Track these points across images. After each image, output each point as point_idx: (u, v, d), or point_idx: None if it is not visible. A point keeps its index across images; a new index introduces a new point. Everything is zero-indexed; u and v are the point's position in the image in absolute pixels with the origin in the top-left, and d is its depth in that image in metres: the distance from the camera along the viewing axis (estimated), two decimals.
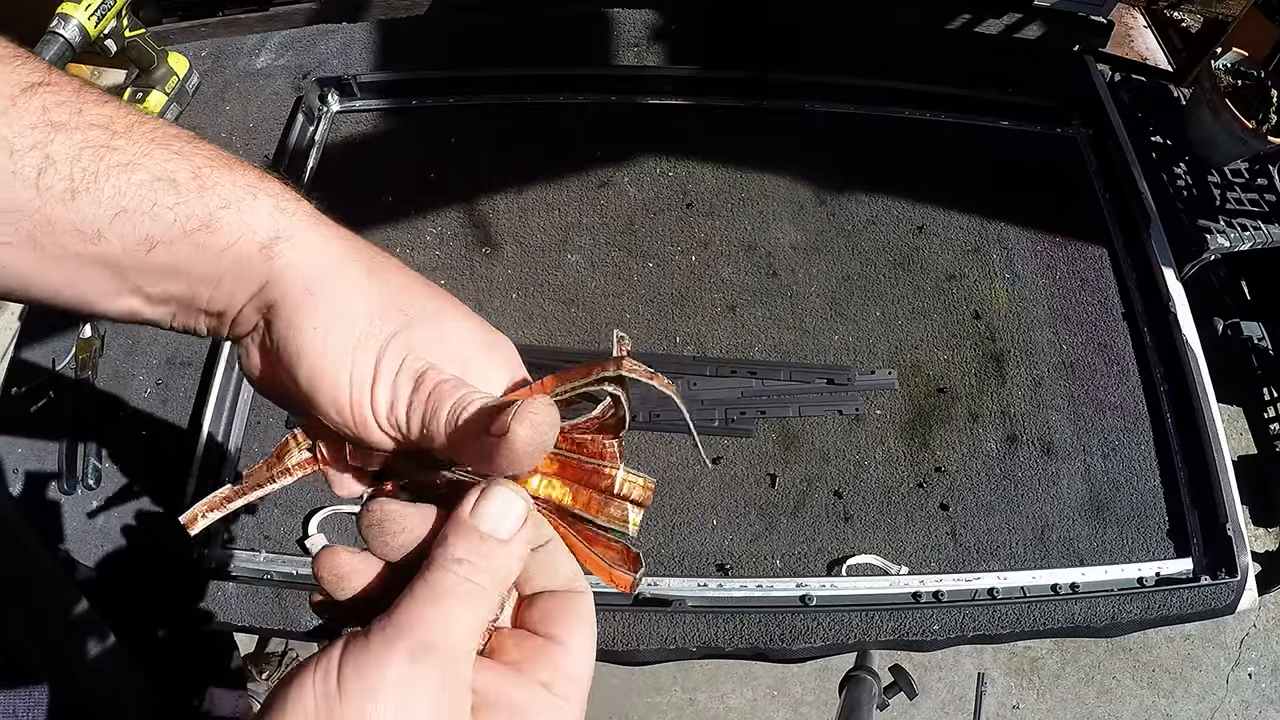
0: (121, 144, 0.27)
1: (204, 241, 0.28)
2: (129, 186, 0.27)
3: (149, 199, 0.27)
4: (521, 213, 1.04)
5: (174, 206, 0.27)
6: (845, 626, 0.81)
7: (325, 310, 0.29)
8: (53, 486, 0.88)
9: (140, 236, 0.27)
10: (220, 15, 1.23)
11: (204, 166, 0.28)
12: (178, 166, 0.28)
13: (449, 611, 0.25)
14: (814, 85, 1.12)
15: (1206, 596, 0.84)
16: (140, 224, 0.27)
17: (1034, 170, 1.09)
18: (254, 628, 0.84)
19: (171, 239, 0.27)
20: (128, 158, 0.27)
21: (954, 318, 0.98)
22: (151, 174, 0.27)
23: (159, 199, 0.27)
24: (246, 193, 0.29)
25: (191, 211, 0.27)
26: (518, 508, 0.28)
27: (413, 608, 0.25)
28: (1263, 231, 1.13)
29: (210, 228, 0.28)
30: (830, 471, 0.89)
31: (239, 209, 0.28)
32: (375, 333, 0.29)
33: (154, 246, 0.27)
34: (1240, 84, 1.12)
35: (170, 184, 0.27)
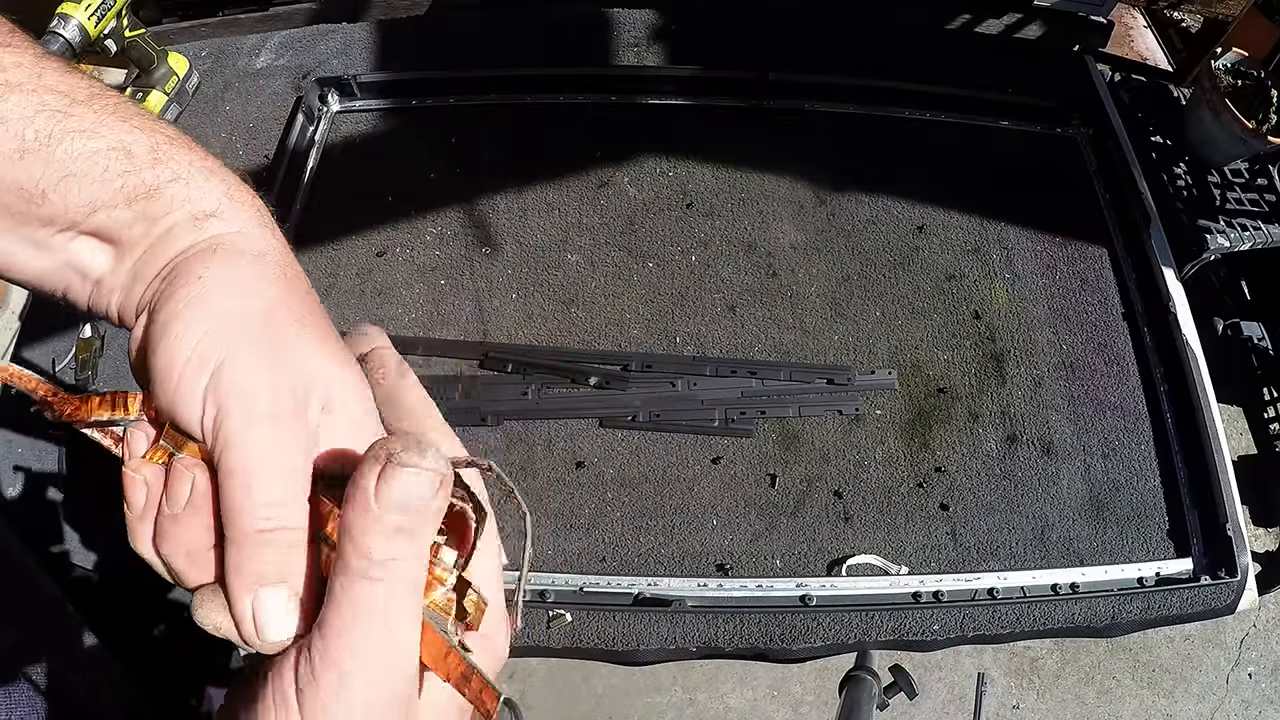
0: (80, 111, 0.26)
1: (143, 209, 0.27)
2: (83, 152, 0.26)
3: (100, 165, 0.26)
4: (521, 213, 1.04)
5: (124, 174, 0.26)
6: (845, 626, 0.81)
7: (219, 273, 0.27)
8: (53, 486, 0.88)
9: (85, 200, 0.26)
10: (220, 15, 1.24)
11: (163, 143, 0.27)
12: (136, 139, 0.27)
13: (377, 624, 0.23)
14: (814, 85, 1.12)
15: (1206, 596, 0.84)
16: (87, 189, 0.26)
17: (1034, 170, 1.09)
18: None
19: (115, 204, 0.26)
20: (85, 125, 0.26)
21: (954, 318, 0.98)
22: (108, 143, 0.26)
23: (110, 165, 0.26)
24: (201, 172, 0.28)
25: (142, 180, 0.27)
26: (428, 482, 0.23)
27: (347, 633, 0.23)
28: (1263, 231, 1.13)
29: (152, 197, 0.27)
30: (830, 471, 0.89)
31: (187, 183, 0.27)
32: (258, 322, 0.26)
33: (95, 211, 0.26)
34: (1240, 84, 1.12)
35: (125, 154, 0.27)
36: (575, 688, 1.36)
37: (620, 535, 0.85)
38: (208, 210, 0.27)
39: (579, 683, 1.36)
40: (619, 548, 0.85)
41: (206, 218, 0.27)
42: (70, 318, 0.96)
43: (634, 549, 0.85)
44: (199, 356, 0.25)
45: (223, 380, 0.25)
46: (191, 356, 0.25)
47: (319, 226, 1.02)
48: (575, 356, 0.94)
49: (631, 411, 0.91)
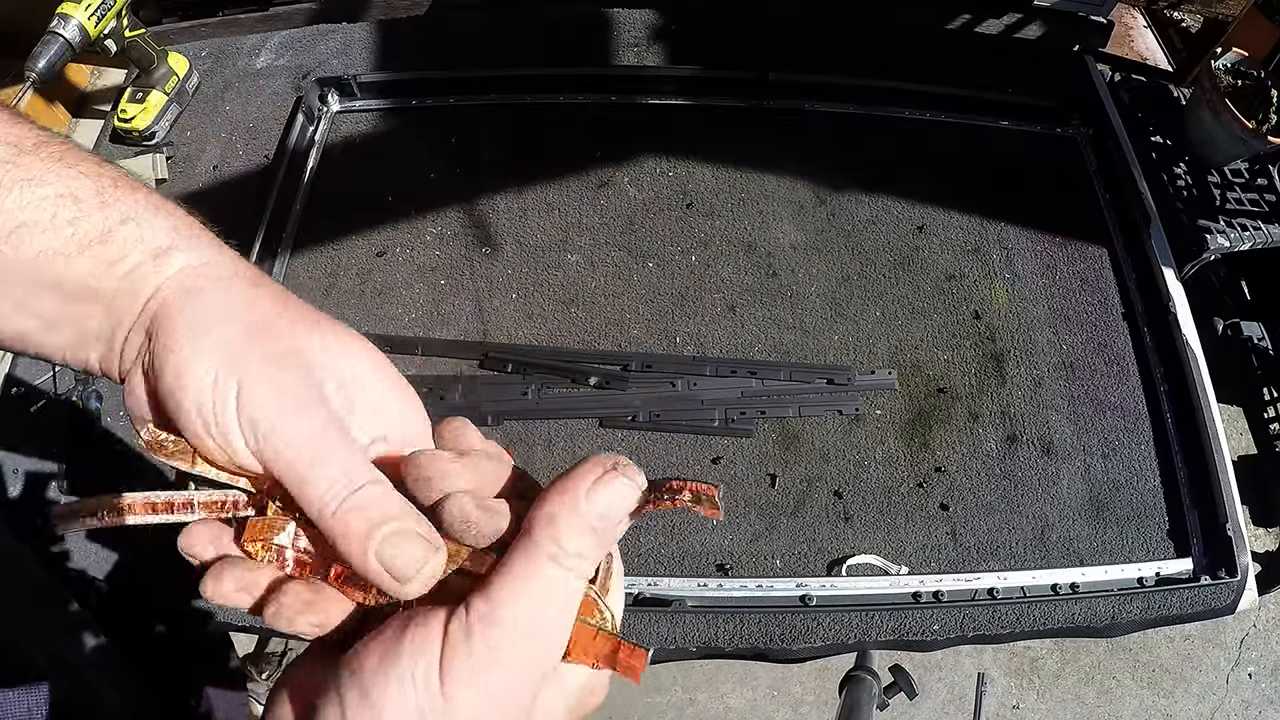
0: (28, 160, 0.27)
1: (99, 254, 0.27)
2: (31, 200, 0.26)
3: (49, 212, 0.26)
4: (521, 213, 1.04)
5: (74, 221, 0.27)
6: (845, 626, 0.81)
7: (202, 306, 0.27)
8: (53, 486, 0.88)
9: (36, 251, 0.26)
10: (220, 15, 1.23)
11: (109, 186, 0.28)
12: (82, 185, 0.27)
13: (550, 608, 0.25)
14: (814, 85, 1.12)
15: (1206, 596, 0.84)
16: (38, 238, 0.26)
17: (1034, 170, 1.09)
18: (254, 628, 0.84)
19: (69, 253, 0.27)
20: (32, 174, 0.26)
21: (954, 318, 0.98)
22: (55, 190, 0.27)
23: (59, 213, 0.26)
24: (148, 209, 0.28)
25: (92, 225, 0.27)
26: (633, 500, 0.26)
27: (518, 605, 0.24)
28: (1263, 231, 1.13)
29: (107, 241, 0.27)
30: (830, 471, 0.89)
31: (138, 223, 0.28)
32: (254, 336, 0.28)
33: (50, 262, 0.27)
34: (1240, 84, 1.12)
35: (73, 200, 0.27)
36: None
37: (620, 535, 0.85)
38: (163, 246, 0.28)
39: None
40: (621, 547, 0.85)
41: (164, 253, 0.28)
42: None
43: (634, 549, 0.85)
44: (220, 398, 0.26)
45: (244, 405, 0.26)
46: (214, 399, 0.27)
47: (319, 226, 1.02)
48: (575, 356, 0.94)
49: (631, 411, 0.91)
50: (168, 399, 0.27)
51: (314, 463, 0.26)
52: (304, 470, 0.26)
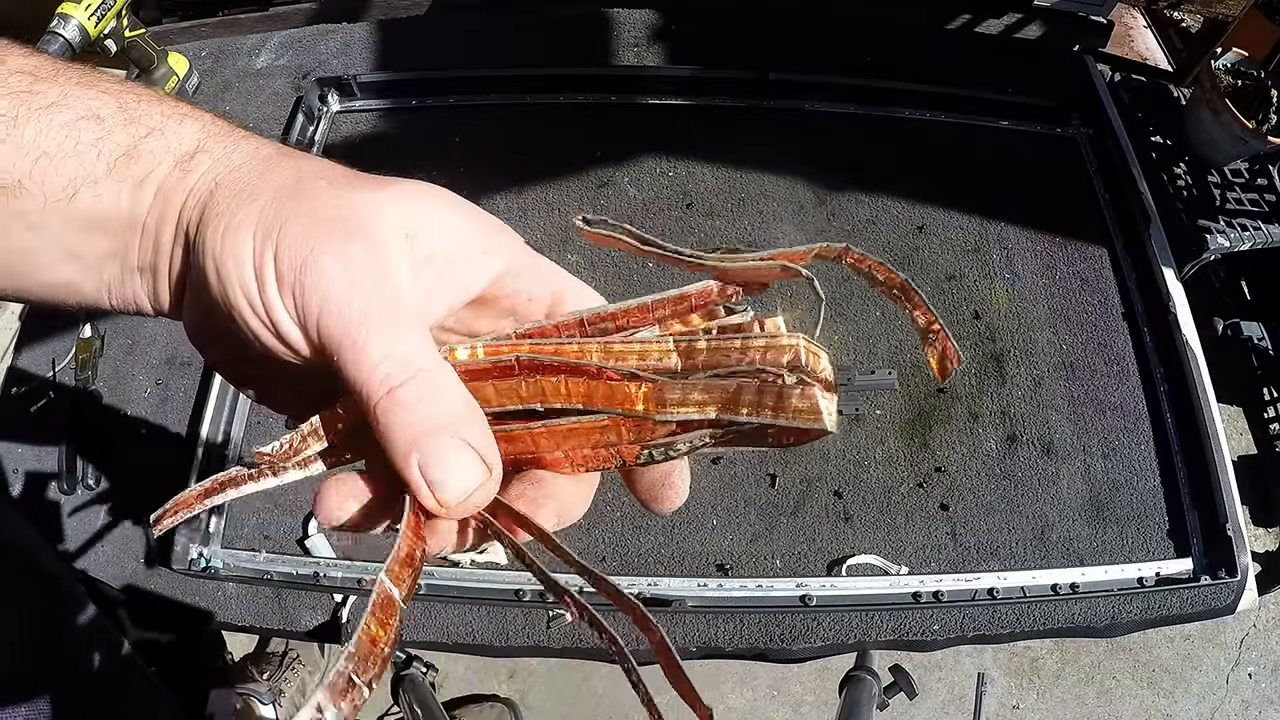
0: (44, 88, 0.25)
1: (126, 173, 0.25)
2: (51, 128, 0.24)
3: (72, 138, 0.24)
4: (521, 213, 1.04)
5: (97, 141, 0.25)
6: (845, 626, 0.81)
7: (229, 193, 0.24)
8: (53, 486, 0.88)
9: (64, 182, 0.24)
10: (220, 15, 1.23)
11: (132, 102, 0.26)
12: (104, 103, 0.25)
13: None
14: (814, 85, 1.12)
15: (1206, 596, 0.84)
16: (63, 167, 0.24)
17: (1034, 170, 1.09)
18: (254, 628, 0.84)
19: (95, 178, 0.24)
20: (51, 100, 0.25)
21: (954, 318, 0.98)
22: (76, 113, 0.25)
23: (81, 136, 0.24)
24: (174, 119, 0.26)
25: (116, 142, 0.25)
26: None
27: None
28: (1263, 231, 1.13)
29: (133, 157, 0.25)
30: (830, 471, 0.89)
31: (164, 134, 0.25)
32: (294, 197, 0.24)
33: (77, 191, 0.24)
34: (1240, 84, 1.12)
35: (95, 120, 0.25)
36: (575, 688, 1.36)
37: (620, 535, 0.85)
38: (189, 150, 0.25)
39: (579, 683, 1.36)
40: (619, 548, 0.85)
41: (191, 157, 0.25)
42: (70, 318, 0.96)
43: (634, 549, 0.85)
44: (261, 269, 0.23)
45: (284, 274, 0.23)
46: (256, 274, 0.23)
47: None
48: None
49: None
50: (217, 298, 0.24)
51: (360, 338, 0.22)
52: (348, 346, 0.22)
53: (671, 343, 0.24)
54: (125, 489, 0.88)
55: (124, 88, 0.26)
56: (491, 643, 0.81)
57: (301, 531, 0.85)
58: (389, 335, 0.23)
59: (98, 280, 0.27)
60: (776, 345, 0.23)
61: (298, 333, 0.23)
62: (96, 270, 0.26)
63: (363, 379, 0.22)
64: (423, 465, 0.22)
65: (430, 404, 0.22)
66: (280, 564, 0.84)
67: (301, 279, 0.23)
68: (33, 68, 0.25)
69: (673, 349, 0.24)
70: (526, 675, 1.37)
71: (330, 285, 0.23)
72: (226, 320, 0.24)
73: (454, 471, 0.22)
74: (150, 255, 0.26)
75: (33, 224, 0.25)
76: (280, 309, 0.23)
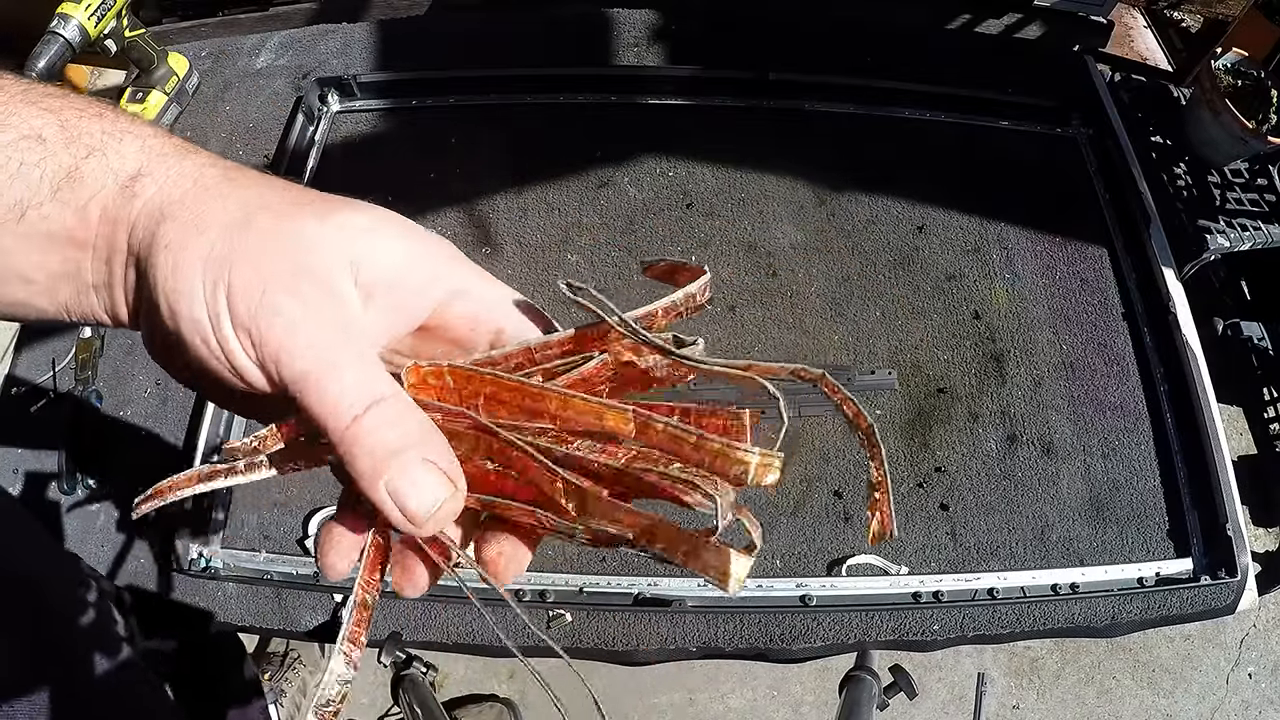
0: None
1: (69, 197, 0.25)
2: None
3: (15, 159, 0.24)
4: (521, 213, 1.04)
5: (40, 163, 0.24)
6: (845, 626, 0.81)
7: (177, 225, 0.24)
8: (53, 486, 0.88)
9: (10, 203, 0.24)
10: (220, 15, 1.23)
11: (73, 118, 0.26)
12: (46, 121, 0.25)
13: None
14: (814, 85, 1.12)
15: (1206, 596, 0.84)
16: (9, 189, 0.24)
17: (1034, 170, 1.09)
18: (254, 628, 0.84)
19: (40, 200, 0.24)
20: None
21: (954, 318, 0.98)
22: (19, 132, 0.24)
23: (25, 158, 0.24)
24: (113, 138, 0.26)
25: (59, 164, 0.25)
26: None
27: None
28: (1263, 231, 1.12)
29: (74, 178, 0.25)
30: (830, 471, 0.89)
31: (104, 154, 0.25)
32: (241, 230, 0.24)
33: (24, 213, 0.24)
34: (1240, 84, 1.12)
35: (37, 140, 0.25)
36: (575, 688, 1.36)
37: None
38: (130, 173, 0.25)
39: (579, 683, 1.36)
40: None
41: (132, 181, 0.25)
42: None
43: None
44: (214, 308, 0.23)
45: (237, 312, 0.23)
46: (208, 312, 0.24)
47: None
48: None
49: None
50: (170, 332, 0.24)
51: (320, 373, 0.23)
52: (310, 382, 0.23)
53: (631, 414, 0.24)
54: (125, 489, 0.88)
55: (65, 102, 0.26)
56: (491, 643, 0.81)
57: (301, 531, 0.85)
58: (347, 368, 0.23)
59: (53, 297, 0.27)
60: (728, 456, 0.24)
61: (255, 370, 0.24)
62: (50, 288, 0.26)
63: (327, 412, 0.23)
64: (390, 487, 0.23)
65: (392, 429, 0.23)
66: (280, 564, 0.84)
67: (257, 321, 0.23)
68: None
69: (630, 421, 0.24)
70: (526, 675, 1.37)
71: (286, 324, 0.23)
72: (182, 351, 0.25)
73: (421, 488, 0.23)
74: (104, 274, 0.26)
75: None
76: (237, 349, 0.24)
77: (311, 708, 0.23)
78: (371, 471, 0.23)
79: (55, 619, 0.53)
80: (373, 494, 0.23)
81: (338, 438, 0.23)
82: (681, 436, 0.24)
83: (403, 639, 0.80)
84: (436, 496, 0.23)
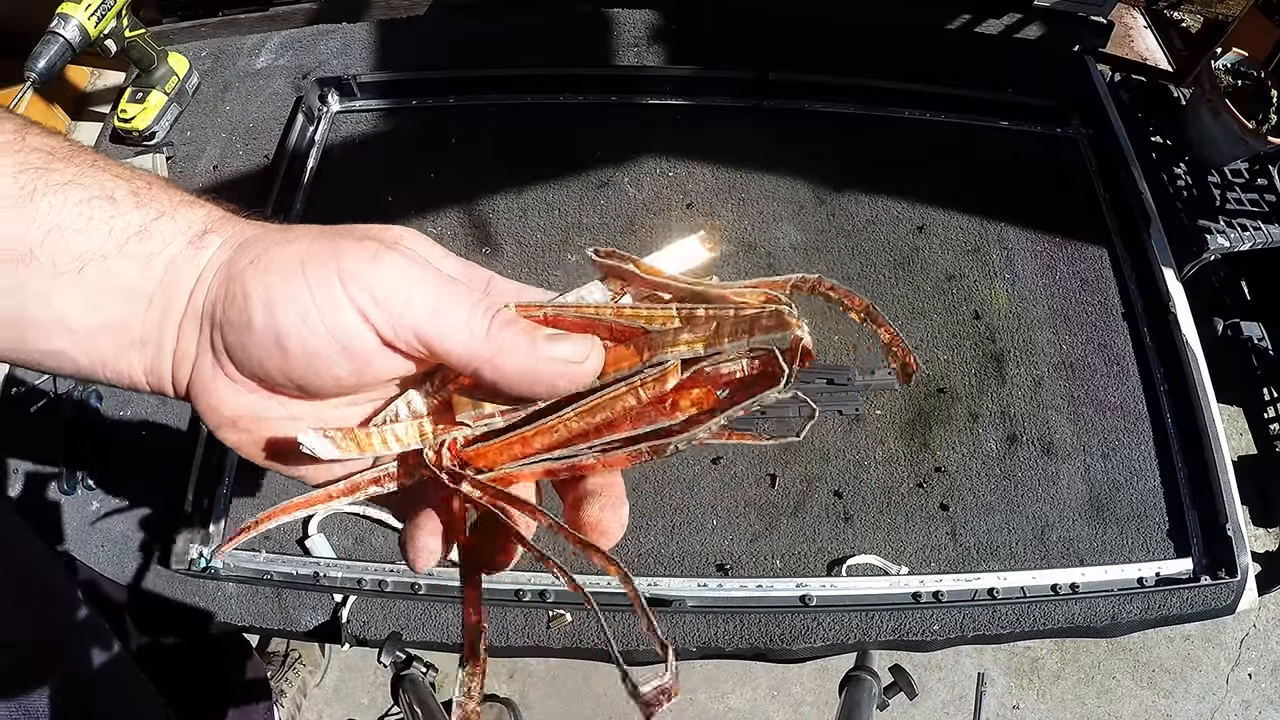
0: (60, 166, 0.27)
1: (137, 251, 0.27)
2: (65, 204, 0.26)
3: (85, 214, 0.26)
4: (521, 213, 1.04)
5: (109, 220, 0.26)
6: (845, 626, 0.81)
7: (259, 245, 0.27)
8: (53, 486, 0.88)
9: (74, 254, 0.26)
10: (220, 15, 1.23)
11: (143, 187, 0.28)
12: (117, 185, 0.27)
13: None
14: (814, 85, 1.12)
15: (1206, 596, 0.84)
16: (75, 240, 0.26)
17: (1034, 170, 1.09)
18: (254, 627, 0.84)
19: (105, 254, 0.26)
20: (67, 178, 0.26)
21: (954, 318, 0.98)
22: (90, 192, 0.26)
23: (95, 214, 0.26)
24: (181, 204, 0.28)
25: (128, 222, 0.27)
26: None
27: None
28: (1263, 231, 1.12)
29: (144, 238, 0.27)
30: (830, 471, 0.89)
31: (173, 218, 0.28)
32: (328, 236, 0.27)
33: (85, 265, 0.26)
34: (1240, 84, 1.12)
35: (108, 199, 0.27)
36: (575, 688, 1.36)
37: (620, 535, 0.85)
38: (199, 231, 0.28)
39: (579, 683, 1.36)
40: (619, 548, 0.84)
41: (202, 236, 0.28)
42: None
43: (634, 549, 0.85)
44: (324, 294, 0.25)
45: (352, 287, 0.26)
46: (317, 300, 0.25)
47: None
48: None
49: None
50: (264, 338, 0.26)
51: (445, 310, 0.26)
52: (441, 320, 0.26)
53: (674, 309, 0.27)
54: (125, 489, 0.88)
55: (134, 174, 0.28)
56: (491, 643, 0.81)
57: (301, 531, 0.85)
58: (464, 299, 0.27)
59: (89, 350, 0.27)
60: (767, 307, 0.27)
61: (371, 336, 0.26)
62: (89, 341, 0.27)
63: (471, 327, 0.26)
64: (544, 353, 0.26)
65: (519, 324, 0.27)
66: (280, 564, 0.84)
67: (375, 283, 0.25)
68: (50, 147, 0.27)
69: (675, 314, 0.27)
70: (526, 675, 1.37)
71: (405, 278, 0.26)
72: (284, 352, 0.26)
73: (571, 345, 0.27)
74: (155, 329, 0.27)
75: (37, 292, 0.26)
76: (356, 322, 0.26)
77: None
78: (526, 348, 0.26)
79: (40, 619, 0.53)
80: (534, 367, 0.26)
81: (480, 345, 0.26)
82: (721, 313, 0.26)
83: (403, 639, 0.80)
84: (584, 344, 0.27)
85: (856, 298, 0.29)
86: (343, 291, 0.25)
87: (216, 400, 0.27)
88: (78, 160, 0.27)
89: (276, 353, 0.26)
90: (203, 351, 0.27)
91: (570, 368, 0.26)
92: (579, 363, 0.26)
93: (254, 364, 0.26)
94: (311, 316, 0.25)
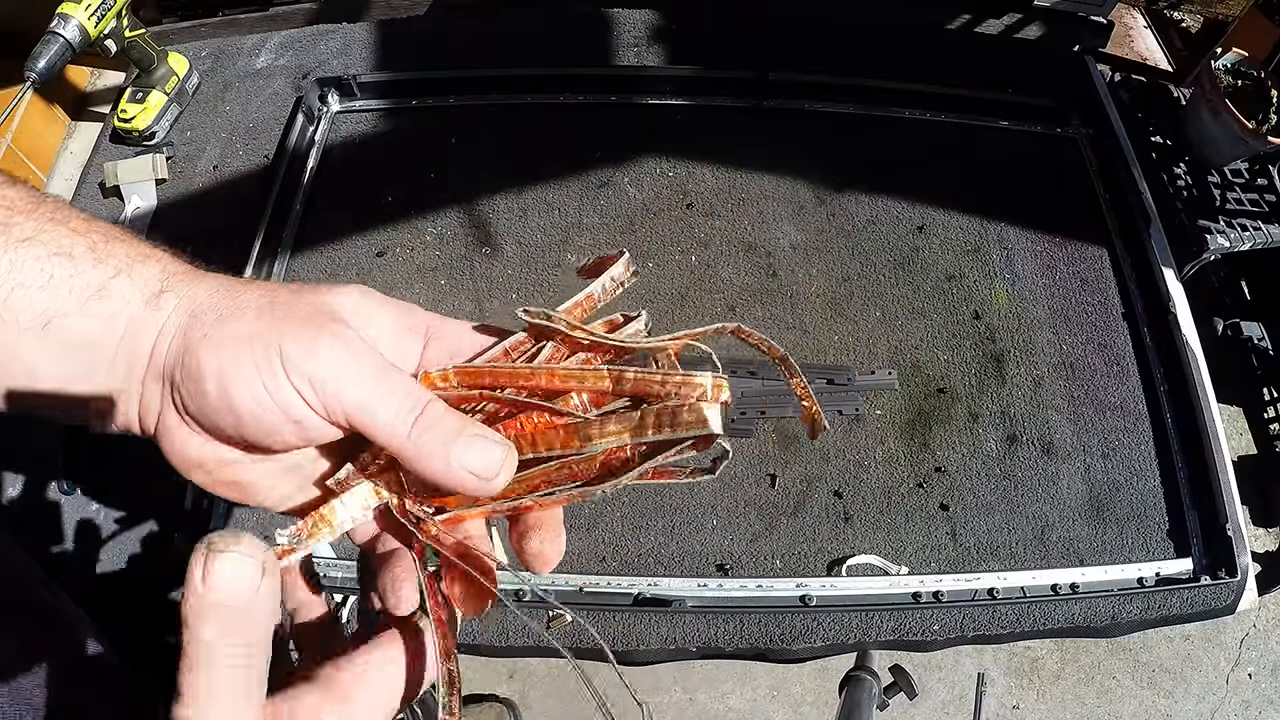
0: (20, 221, 0.27)
1: (97, 310, 0.28)
2: (26, 261, 0.27)
3: (45, 272, 0.27)
4: (521, 213, 1.04)
5: (69, 279, 0.27)
6: (845, 626, 0.81)
7: (211, 314, 0.28)
8: (53, 486, 0.88)
9: (37, 310, 0.27)
10: (220, 15, 1.23)
11: (99, 241, 0.29)
12: (75, 242, 0.28)
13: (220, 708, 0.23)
14: (814, 85, 1.12)
15: (1206, 596, 0.84)
16: (36, 298, 0.27)
17: (1034, 170, 1.09)
18: None
19: (67, 311, 0.27)
20: (27, 234, 0.27)
21: (954, 318, 0.98)
22: (49, 249, 0.27)
23: (55, 272, 0.27)
24: (137, 259, 0.29)
25: (87, 281, 0.28)
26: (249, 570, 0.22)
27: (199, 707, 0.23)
28: (1263, 231, 1.13)
29: (103, 296, 0.28)
30: (830, 471, 0.89)
31: (130, 274, 0.28)
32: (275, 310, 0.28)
33: (49, 321, 0.27)
34: (1240, 84, 1.12)
35: (67, 257, 0.27)
36: (575, 688, 1.36)
37: (620, 535, 0.85)
38: (154, 291, 0.29)
39: (579, 683, 1.36)
40: (619, 548, 0.85)
41: (156, 297, 0.29)
42: None
43: (634, 549, 0.85)
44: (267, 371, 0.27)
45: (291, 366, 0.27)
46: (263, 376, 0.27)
47: (319, 227, 1.02)
48: None
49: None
50: (219, 406, 0.27)
51: (378, 396, 0.27)
52: (370, 413, 0.27)
53: (606, 373, 0.30)
54: (125, 489, 0.88)
55: (90, 226, 0.29)
56: (491, 643, 0.81)
57: None
58: (395, 387, 0.28)
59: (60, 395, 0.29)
60: (689, 382, 0.29)
61: (313, 416, 0.27)
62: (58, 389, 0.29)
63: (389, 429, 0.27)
64: (458, 461, 0.27)
65: (443, 420, 0.28)
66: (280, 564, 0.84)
67: (314, 369, 0.27)
68: (10, 200, 0.28)
69: (606, 376, 0.29)
70: (526, 675, 1.37)
71: (338, 365, 0.27)
72: (237, 423, 0.27)
73: (484, 453, 0.27)
74: (121, 381, 0.29)
75: (4, 345, 0.27)
76: (296, 400, 0.27)
77: None
78: (440, 456, 0.27)
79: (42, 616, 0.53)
80: (449, 474, 0.27)
81: (402, 443, 0.27)
82: (649, 379, 0.29)
83: None
84: (497, 455, 0.28)
85: (775, 347, 0.32)
86: (284, 375, 0.26)
87: (181, 446, 0.29)
88: (37, 214, 0.28)
89: (231, 419, 0.27)
90: (166, 405, 0.29)
91: (479, 483, 0.27)
92: (488, 480, 0.27)
93: (210, 425, 0.28)
94: (259, 394, 0.27)
